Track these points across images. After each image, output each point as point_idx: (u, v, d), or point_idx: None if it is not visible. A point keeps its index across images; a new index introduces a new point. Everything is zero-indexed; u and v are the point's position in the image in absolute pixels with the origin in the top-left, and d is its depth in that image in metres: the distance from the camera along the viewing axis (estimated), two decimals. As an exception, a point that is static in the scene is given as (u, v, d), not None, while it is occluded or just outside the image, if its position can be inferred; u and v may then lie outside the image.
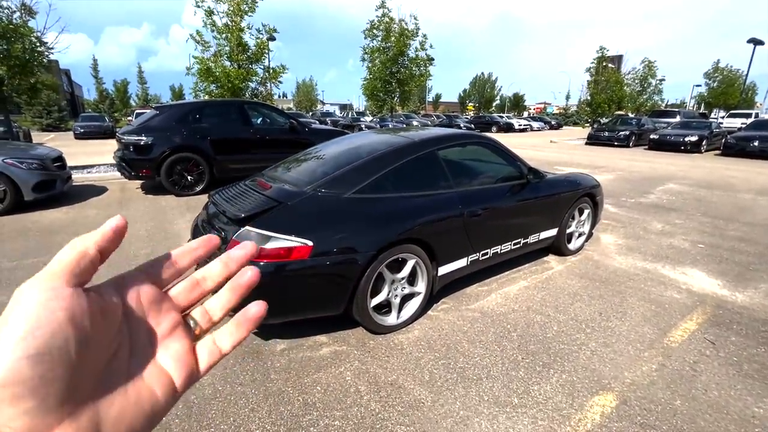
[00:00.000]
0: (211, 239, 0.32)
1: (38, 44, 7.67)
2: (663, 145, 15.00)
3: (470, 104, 71.49)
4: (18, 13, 7.24)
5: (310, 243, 2.18)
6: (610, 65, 26.00)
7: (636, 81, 27.96)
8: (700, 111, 31.57)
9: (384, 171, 2.63)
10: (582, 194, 3.85)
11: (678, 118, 18.97)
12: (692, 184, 8.16)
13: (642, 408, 1.97)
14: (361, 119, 28.72)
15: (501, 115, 38.40)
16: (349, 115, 38.37)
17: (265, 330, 2.58)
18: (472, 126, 28.27)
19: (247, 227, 2.25)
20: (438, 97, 77.60)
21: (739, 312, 2.93)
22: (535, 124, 34.07)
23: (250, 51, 9.44)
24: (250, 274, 0.32)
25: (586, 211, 4.06)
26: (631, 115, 26.84)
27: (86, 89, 60.63)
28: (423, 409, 1.96)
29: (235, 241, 2.22)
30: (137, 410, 0.24)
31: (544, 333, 2.64)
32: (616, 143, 16.69)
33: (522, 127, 31.55)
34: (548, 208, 3.54)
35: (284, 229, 2.21)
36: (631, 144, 16.49)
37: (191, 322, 0.31)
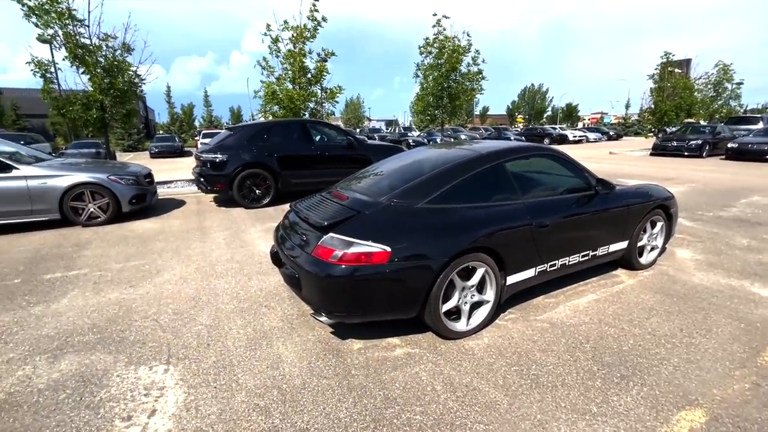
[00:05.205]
0: None
1: (135, 77, 8.89)
2: (744, 154, 13.71)
3: (519, 116, 69.77)
4: (119, 51, 8.46)
5: (388, 249, 2.36)
6: (677, 70, 24.28)
7: (709, 86, 25.74)
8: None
9: (453, 182, 2.77)
10: (654, 206, 3.71)
11: (760, 125, 17.22)
12: (781, 196, 7.39)
13: (736, 426, 1.88)
14: (408, 134, 29.14)
15: (554, 126, 37.11)
16: (396, 131, 39.02)
17: (342, 330, 2.78)
18: (523, 138, 27.62)
19: (331, 234, 2.48)
20: (485, 109, 76.50)
21: None
22: (591, 135, 32.59)
23: (310, 74, 10.14)
24: None
25: (659, 224, 3.89)
26: (703, 122, 24.71)
27: (157, 113, 67.35)
28: (500, 410, 2.02)
29: (321, 246, 2.45)
30: None
31: (619, 346, 2.58)
32: (686, 153, 15.49)
33: (577, 138, 30.34)
34: (618, 220, 3.46)
35: (364, 235, 2.41)
36: (704, 154, 15.23)
37: None
